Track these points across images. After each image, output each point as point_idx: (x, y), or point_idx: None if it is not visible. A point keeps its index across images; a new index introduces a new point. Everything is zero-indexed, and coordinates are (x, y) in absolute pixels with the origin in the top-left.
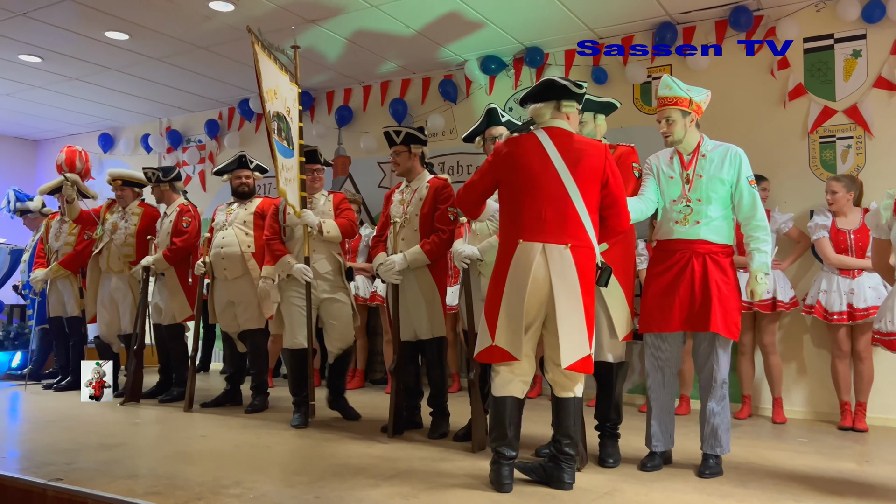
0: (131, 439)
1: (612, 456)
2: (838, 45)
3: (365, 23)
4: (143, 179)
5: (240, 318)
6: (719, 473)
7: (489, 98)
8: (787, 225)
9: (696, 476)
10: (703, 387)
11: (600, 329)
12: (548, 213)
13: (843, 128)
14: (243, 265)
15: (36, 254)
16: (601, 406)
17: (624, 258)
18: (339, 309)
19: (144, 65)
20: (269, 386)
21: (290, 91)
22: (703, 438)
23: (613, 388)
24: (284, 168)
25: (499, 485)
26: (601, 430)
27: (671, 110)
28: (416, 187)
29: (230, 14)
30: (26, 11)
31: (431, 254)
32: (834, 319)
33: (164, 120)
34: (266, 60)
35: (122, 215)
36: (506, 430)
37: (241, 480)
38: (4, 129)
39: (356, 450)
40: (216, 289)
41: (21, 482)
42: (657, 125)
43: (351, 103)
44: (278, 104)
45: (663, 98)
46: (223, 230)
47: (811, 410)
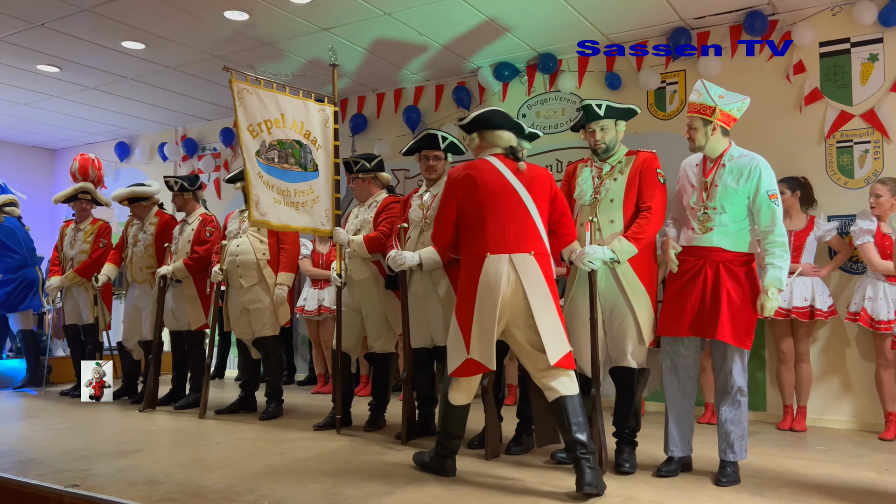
0: (148, 446)
1: (629, 461)
2: (855, 49)
3: (379, 31)
4: (146, 192)
5: (254, 325)
6: (736, 481)
7: (503, 104)
8: (830, 234)
9: (713, 484)
10: (719, 392)
11: (626, 334)
12: (510, 228)
13: (860, 132)
14: (259, 272)
15: (51, 261)
16: (620, 412)
17: (650, 265)
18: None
19: (160, 74)
20: (281, 393)
21: (317, 113)
22: (719, 444)
23: (634, 393)
24: (297, 192)
25: (444, 472)
26: (619, 436)
27: (694, 118)
28: (436, 192)
29: (245, 23)
30: (44, 22)
31: (446, 256)
32: (881, 328)
33: (180, 128)
34: (263, 93)
35: (141, 227)
36: (461, 432)
37: (255, 487)
38: (23, 139)
39: (370, 457)
40: (230, 296)
41: (39, 488)
42: (671, 131)
43: (365, 111)
44: (286, 132)
45: (691, 104)
46: (237, 238)
47: (853, 420)
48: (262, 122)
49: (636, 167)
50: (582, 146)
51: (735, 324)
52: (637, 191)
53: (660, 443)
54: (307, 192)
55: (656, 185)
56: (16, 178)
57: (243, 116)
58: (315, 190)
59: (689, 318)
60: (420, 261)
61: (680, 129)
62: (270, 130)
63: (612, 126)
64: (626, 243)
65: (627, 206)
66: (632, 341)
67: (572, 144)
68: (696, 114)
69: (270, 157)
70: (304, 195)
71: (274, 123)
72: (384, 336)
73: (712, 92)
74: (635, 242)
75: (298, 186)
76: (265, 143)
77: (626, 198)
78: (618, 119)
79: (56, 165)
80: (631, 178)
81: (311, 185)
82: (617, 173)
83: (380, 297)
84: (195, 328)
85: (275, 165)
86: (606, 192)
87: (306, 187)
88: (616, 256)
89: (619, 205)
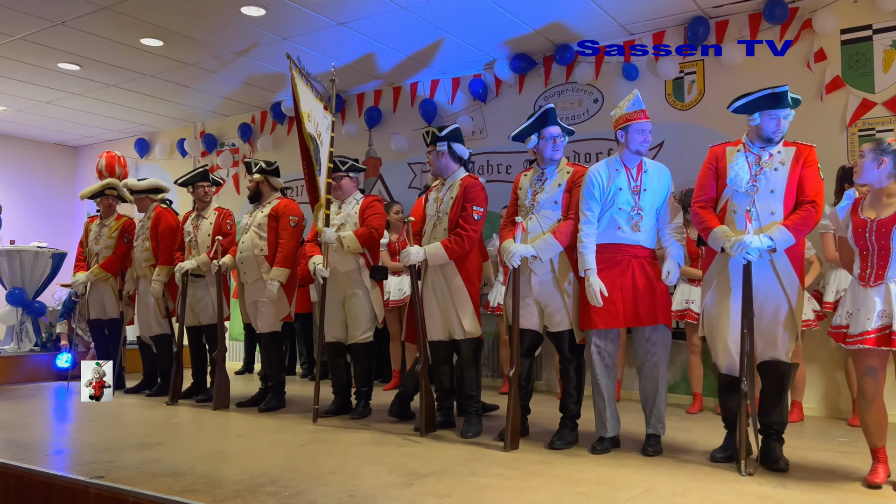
0: (171, 438)
1: (781, 459)
2: (877, 37)
3: (394, 24)
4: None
5: (258, 320)
6: (660, 452)
7: (519, 97)
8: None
9: (641, 454)
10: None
11: (781, 327)
12: None
13: (882, 120)
14: (258, 269)
15: (76, 257)
16: (767, 407)
17: (803, 258)
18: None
19: (179, 70)
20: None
21: (324, 119)
22: (649, 421)
23: (784, 389)
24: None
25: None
26: (765, 433)
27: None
28: (449, 185)
29: (262, 19)
30: (65, 20)
31: (451, 252)
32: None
33: (199, 124)
34: (302, 86)
35: (142, 222)
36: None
37: (276, 478)
38: (45, 136)
39: (390, 449)
40: (244, 291)
41: (65, 480)
42: (689, 122)
43: (381, 105)
44: (310, 127)
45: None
46: (244, 234)
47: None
48: (305, 113)
49: (798, 158)
50: (598, 138)
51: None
52: (798, 183)
53: (684, 433)
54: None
55: (818, 179)
56: (39, 176)
57: (302, 101)
58: (320, 187)
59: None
60: (425, 256)
61: (698, 119)
62: (306, 123)
63: (790, 116)
64: (785, 233)
65: (788, 197)
66: (786, 335)
67: (589, 136)
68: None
69: (311, 145)
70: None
71: (308, 116)
72: (365, 326)
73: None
74: (795, 234)
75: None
76: (309, 133)
77: (788, 189)
78: (793, 108)
79: (78, 162)
80: (793, 170)
81: (318, 182)
82: (777, 163)
83: (364, 288)
84: (279, 322)
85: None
86: (767, 181)
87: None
88: (774, 245)
89: (780, 196)
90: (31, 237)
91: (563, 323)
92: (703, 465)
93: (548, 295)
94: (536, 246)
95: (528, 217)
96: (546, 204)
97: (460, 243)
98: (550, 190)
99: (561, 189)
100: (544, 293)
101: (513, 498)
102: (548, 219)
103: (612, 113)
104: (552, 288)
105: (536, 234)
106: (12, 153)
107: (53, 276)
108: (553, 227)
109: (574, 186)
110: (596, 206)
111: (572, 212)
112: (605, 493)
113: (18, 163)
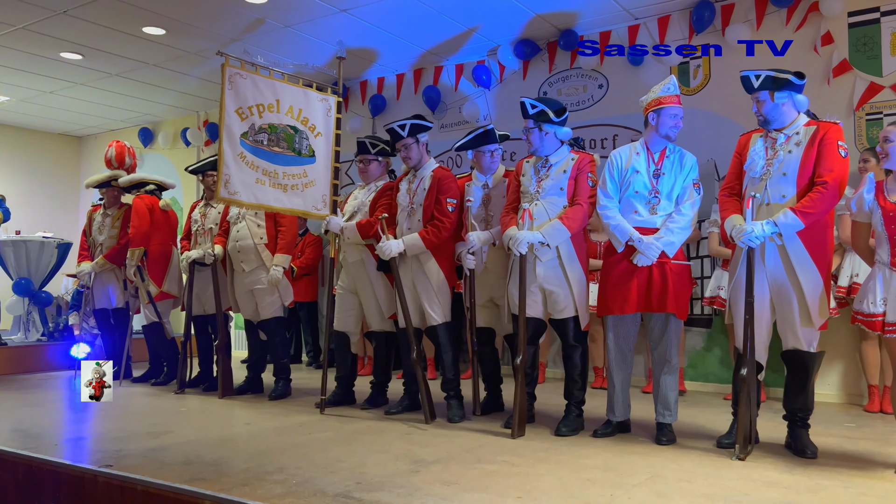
0: (178, 427)
1: (809, 447)
2: (885, 19)
3: (397, 10)
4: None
5: (260, 307)
6: (674, 440)
7: (524, 83)
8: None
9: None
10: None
11: (794, 315)
12: None
13: (890, 104)
14: (258, 256)
15: (80, 246)
16: (791, 394)
17: (823, 242)
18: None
19: (181, 59)
20: (288, 373)
21: (318, 102)
22: (657, 409)
23: (808, 378)
24: (287, 175)
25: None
26: (790, 419)
27: None
28: (421, 177)
29: (264, 6)
30: (66, 9)
31: (428, 242)
32: None
33: (202, 113)
34: (259, 79)
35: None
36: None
37: (284, 466)
38: (48, 126)
39: (396, 436)
40: (236, 280)
41: (73, 468)
42: (696, 107)
43: (384, 92)
44: (279, 117)
45: None
46: (238, 223)
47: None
48: (253, 106)
49: (814, 138)
50: (603, 124)
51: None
52: (814, 164)
53: (693, 418)
54: (299, 175)
55: (836, 158)
56: (43, 166)
57: (231, 100)
58: (309, 175)
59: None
60: (403, 248)
61: (704, 105)
62: (262, 114)
63: (769, 97)
64: (791, 216)
65: (801, 179)
66: (799, 323)
67: (593, 122)
68: None
69: (259, 139)
70: (296, 178)
71: (267, 108)
72: (379, 315)
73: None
74: (802, 217)
75: (289, 170)
76: (254, 126)
77: (801, 171)
78: (773, 90)
79: (82, 152)
80: (807, 151)
81: (304, 170)
82: (793, 145)
83: (371, 279)
84: (226, 309)
85: (263, 147)
86: (780, 164)
87: (299, 171)
88: (779, 230)
89: (793, 179)
90: (36, 227)
91: (567, 309)
92: (709, 451)
93: (553, 281)
94: (545, 232)
95: (534, 203)
96: (552, 190)
97: (437, 234)
98: (556, 176)
99: (566, 175)
100: (549, 280)
101: (519, 484)
102: (554, 205)
103: (643, 98)
104: (558, 274)
105: (543, 220)
106: (16, 143)
107: (59, 266)
108: (561, 213)
109: (580, 173)
110: (613, 187)
111: (579, 198)
112: (611, 479)
113: (22, 153)
